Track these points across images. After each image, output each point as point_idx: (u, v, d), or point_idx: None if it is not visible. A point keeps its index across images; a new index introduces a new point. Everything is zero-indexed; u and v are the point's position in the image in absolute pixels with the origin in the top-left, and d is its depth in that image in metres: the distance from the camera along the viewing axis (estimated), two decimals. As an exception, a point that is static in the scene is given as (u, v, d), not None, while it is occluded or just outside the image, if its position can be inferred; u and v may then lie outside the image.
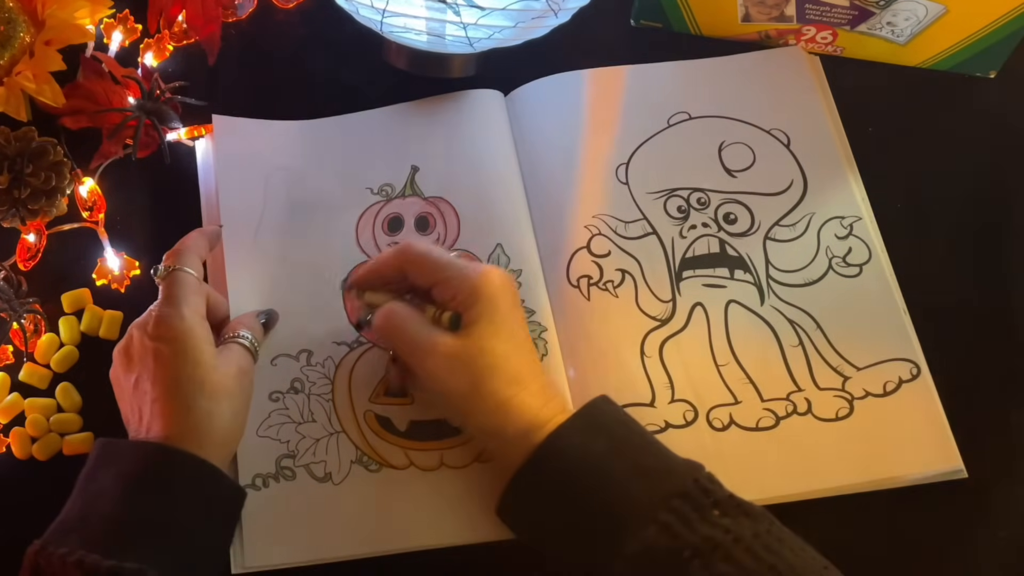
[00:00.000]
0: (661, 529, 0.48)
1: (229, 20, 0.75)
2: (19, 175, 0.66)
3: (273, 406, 0.61)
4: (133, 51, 0.74)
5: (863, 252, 0.65)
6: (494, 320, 0.54)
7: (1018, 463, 0.61)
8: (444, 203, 0.67)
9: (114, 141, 0.69)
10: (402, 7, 0.62)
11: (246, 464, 0.59)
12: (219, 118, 0.69)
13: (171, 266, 0.58)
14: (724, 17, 0.72)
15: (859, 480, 0.59)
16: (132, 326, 0.57)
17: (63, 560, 0.47)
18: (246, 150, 0.68)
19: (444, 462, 0.59)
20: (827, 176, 0.68)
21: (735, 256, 0.65)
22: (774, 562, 0.46)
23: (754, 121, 0.69)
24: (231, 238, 0.65)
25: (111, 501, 0.50)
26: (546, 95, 0.71)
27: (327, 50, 0.75)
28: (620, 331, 0.63)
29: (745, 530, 0.48)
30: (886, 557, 0.59)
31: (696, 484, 0.50)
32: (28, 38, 0.69)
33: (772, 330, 0.63)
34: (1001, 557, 0.59)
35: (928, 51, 0.72)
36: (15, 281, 0.66)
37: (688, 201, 0.67)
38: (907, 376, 0.61)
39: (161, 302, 0.57)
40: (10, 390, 0.64)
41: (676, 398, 0.61)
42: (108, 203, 0.69)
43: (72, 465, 0.54)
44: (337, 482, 0.59)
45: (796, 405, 0.61)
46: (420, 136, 0.69)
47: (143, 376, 0.55)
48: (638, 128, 0.69)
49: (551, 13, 0.63)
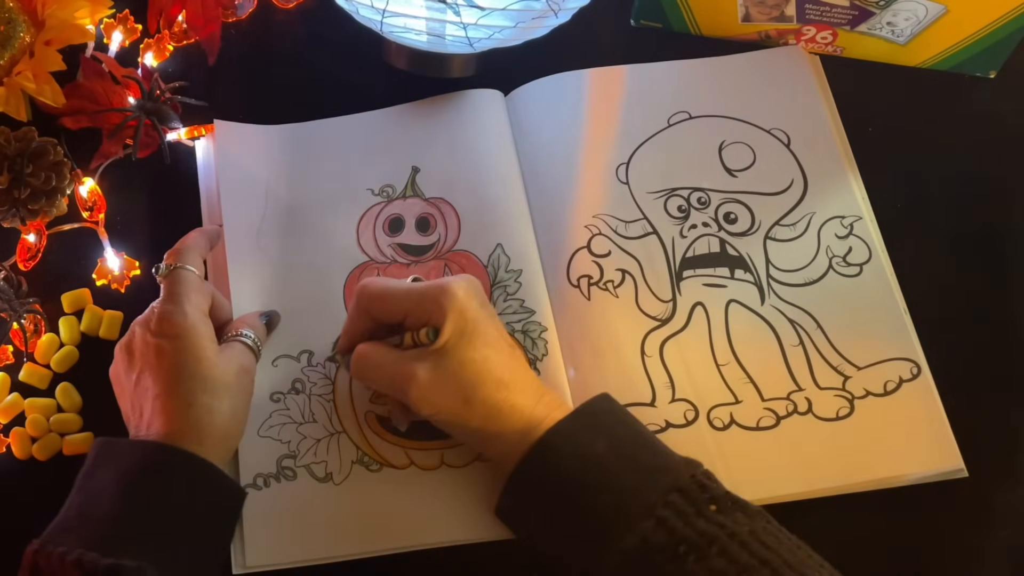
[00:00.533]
0: (658, 524, 0.48)
1: (229, 20, 0.75)
2: (19, 175, 0.66)
3: (274, 406, 0.61)
4: (133, 51, 0.74)
5: (863, 252, 0.65)
6: (466, 330, 0.53)
7: (1018, 463, 0.61)
8: (445, 204, 0.67)
9: (114, 141, 0.69)
10: (402, 7, 0.62)
11: (247, 464, 0.59)
12: (220, 123, 0.69)
13: (172, 264, 0.58)
14: (724, 17, 0.72)
15: (859, 480, 0.59)
16: (134, 323, 0.57)
17: (62, 559, 0.47)
18: (247, 154, 0.69)
19: (445, 461, 0.59)
20: (827, 176, 0.68)
21: (735, 256, 0.65)
22: (769, 558, 0.47)
23: (754, 121, 0.69)
24: (233, 240, 0.65)
25: (110, 500, 0.50)
26: (546, 95, 0.71)
27: (327, 50, 0.75)
28: (620, 331, 0.63)
29: (741, 526, 0.48)
30: (886, 557, 0.59)
31: (693, 480, 0.50)
32: (28, 38, 0.69)
33: (772, 330, 0.63)
34: (1001, 557, 0.59)
35: (928, 51, 0.72)
36: (15, 281, 0.66)
37: (688, 201, 0.67)
38: (907, 376, 0.61)
39: (163, 299, 0.57)
40: (10, 390, 0.64)
41: (677, 398, 0.61)
42: (108, 203, 0.69)
43: (72, 465, 0.54)
44: (338, 482, 0.59)
45: (797, 404, 0.61)
46: (421, 137, 0.69)
47: (145, 372, 0.55)
48: (638, 128, 0.69)
49: (551, 13, 0.63)
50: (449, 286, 0.54)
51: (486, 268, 0.64)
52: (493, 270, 0.64)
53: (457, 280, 0.55)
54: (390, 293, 0.56)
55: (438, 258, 0.65)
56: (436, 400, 0.54)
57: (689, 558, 0.47)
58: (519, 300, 0.63)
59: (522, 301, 0.63)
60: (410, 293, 0.55)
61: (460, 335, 0.53)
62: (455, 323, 0.53)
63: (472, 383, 0.53)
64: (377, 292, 0.56)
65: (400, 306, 0.56)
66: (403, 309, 0.55)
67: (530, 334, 0.62)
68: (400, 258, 0.66)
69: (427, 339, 0.54)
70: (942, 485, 0.59)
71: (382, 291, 0.56)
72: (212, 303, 0.59)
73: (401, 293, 0.56)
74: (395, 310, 0.56)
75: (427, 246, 0.66)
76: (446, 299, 0.53)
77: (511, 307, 0.63)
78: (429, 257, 0.66)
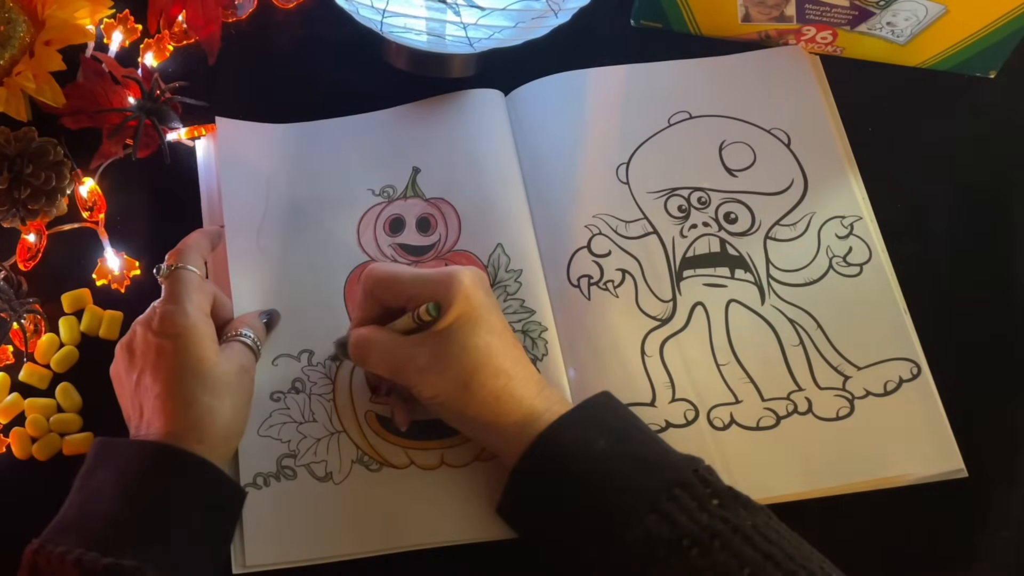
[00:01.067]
0: (661, 518, 0.48)
1: (229, 20, 0.75)
2: (19, 175, 0.66)
3: (274, 406, 0.61)
4: (133, 51, 0.74)
5: (863, 252, 0.65)
6: (471, 317, 0.54)
7: (1018, 463, 0.61)
8: (445, 204, 0.67)
9: (114, 141, 0.69)
10: (402, 7, 0.62)
11: (247, 463, 0.59)
12: (222, 120, 0.69)
13: (173, 264, 0.58)
14: (724, 17, 0.72)
15: (859, 480, 0.59)
16: (135, 323, 0.58)
17: (61, 558, 0.47)
18: (249, 153, 0.69)
19: (445, 461, 0.59)
20: (827, 176, 0.68)
21: (736, 255, 0.65)
22: (772, 551, 0.47)
23: (755, 120, 0.69)
24: (234, 239, 0.65)
25: (109, 500, 0.51)
26: (547, 95, 0.71)
27: (327, 50, 0.75)
28: (620, 331, 0.63)
29: (744, 520, 0.48)
30: (886, 557, 0.59)
31: (696, 475, 0.50)
32: (28, 38, 0.69)
33: (773, 329, 0.63)
34: (1001, 557, 0.59)
35: (928, 51, 0.72)
36: (15, 281, 0.66)
37: (689, 200, 0.67)
38: (907, 375, 0.61)
39: (164, 299, 0.57)
40: (10, 390, 0.64)
41: (677, 397, 0.61)
42: (108, 203, 0.69)
43: (72, 465, 0.54)
44: (338, 481, 0.59)
45: (796, 404, 0.61)
46: (421, 137, 0.69)
47: (145, 371, 0.55)
48: (639, 127, 0.69)
49: (551, 13, 0.63)
50: (457, 272, 0.54)
51: (486, 268, 0.64)
52: (493, 270, 0.64)
53: (464, 268, 0.55)
54: (397, 276, 0.56)
55: (438, 258, 0.65)
56: (435, 382, 0.54)
57: (692, 552, 0.47)
58: (519, 300, 0.63)
59: (522, 301, 0.63)
60: (417, 277, 0.56)
61: (465, 320, 0.54)
62: (460, 307, 0.53)
63: (472, 368, 0.53)
64: (383, 276, 0.57)
65: (407, 290, 0.56)
66: (409, 293, 0.56)
67: (530, 334, 0.62)
68: (400, 258, 0.66)
69: (428, 316, 0.54)
70: (942, 485, 0.59)
71: (389, 275, 0.57)
72: (214, 303, 0.59)
73: (408, 277, 0.56)
74: (401, 293, 0.56)
75: (427, 246, 0.66)
76: (453, 284, 0.54)
77: (511, 307, 0.63)
78: (429, 257, 0.66)
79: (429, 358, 0.54)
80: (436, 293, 0.54)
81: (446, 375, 0.54)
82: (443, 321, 0.54)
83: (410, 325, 0.55)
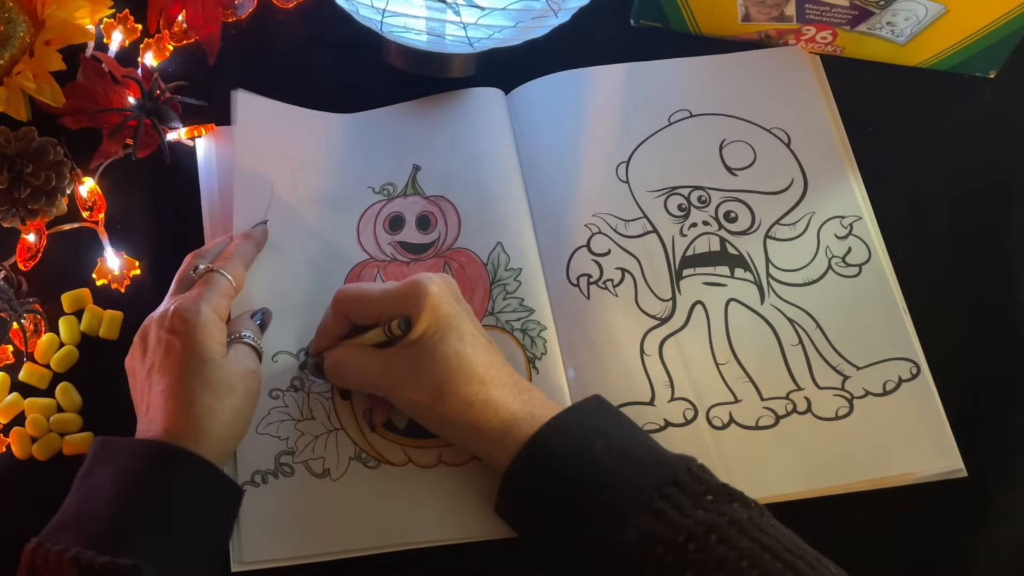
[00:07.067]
0: (655, 516, 0.48)
1: (229, 20, 0.76)
2: (19, 175, 0.66)
3: (273, 403, 0.61)
4: (133, 51, 0.75)
5: (863, 252, 0.65)
6: (440, 326, 0.54)
7: (1018, 463, 0.61)
8: (445, 202, 0.67)
9: (114, 141, 0.69)
10: (402, 7, 0.62)
11: (245, 461, 0.59)
12: (243, 93, 0.69)
13: (211, 267, 0.59)
14: (724, 17, 0.72)
15: (859, 479, 0.59)
16: (151, 315, 0.58)
17: (59, 557, 0.47)
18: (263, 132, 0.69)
19: (442, 459, 0.59)
20: (827, 175, 0.68)
21: (735, 255, 0.65)
22: (770, 543, 0.47)
23: (755, 119, 0.69)
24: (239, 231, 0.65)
25: (107, 498, 0.51)
26: (547, 94, 0.71)
27: (327, 50, 0.75)
28: (620, 329, 0.63)
29: (739, 514, 0.48)
30: (886, 557, 0.59)
31: (689, 473, 0.51)
32: (28, 38, 0.69)
33: (772, 329, 0.63)
34: (1001, 557, 0.59)
35: (928, 51, 0.72)
36: (15, 281, 0.66)
37: (688, 199, 0.67)
38: (907, 375, 0.61)
39: (185, 296, 0.57)
40: (10, 390, 0.64)
41: (676, 397, 0.61)
42: (108, 203, 0.69)
43: (72, 465, 0.54)
44: (335, 478, 0.59)
45: (796, 404, 0.61)
46: (422, 135, 0.69)
47: (154, 366, 0.56)
48: (638, 126, 0.69)
49: (551, 13, 0.63)
50: (423, 283, 0.55)
51: (486, 266, 0.64)
52: (493, 268, 0.64)
53: (430, 277, 0.56)
54: (364, 295, 0.57)
55: (438, 256, 0.65)
56: (410, 394, 0.54)
57: (689, 547, 0.47)
58: (518, 299, 0.63)
59: (521, 300, 0.63)
60: (385, 294, 0.56)
61: (435, 330, 0.54)
62: (428, 319, 0.54)
63: (444, 377, 0.54)
64: (353, 296, 0.57)
65: (377, 307, 0.56)
66: (379, 309, 0.56)
67: (529, 333, 0.62)
68: (400, 256, 0.66)
69: (399, 331, 0.55)
70: (942, 485, 0.59)
71: (356, 295, 0.57)
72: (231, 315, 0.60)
73: (376, 294, 0.57)
74: (372, 311, 0.57)
75: (427, 244, 0.66)
76: (420, 295, 0.54)
77: (510, 305, 0.63)
78: (429, 255, 0.66)
79: (401, 371, 0.55)
80: (405, 307, 0.55)
81: (419, 386, 0.54)
82: (413, 334, 0.54)
83: (382, 338, 0.56)
